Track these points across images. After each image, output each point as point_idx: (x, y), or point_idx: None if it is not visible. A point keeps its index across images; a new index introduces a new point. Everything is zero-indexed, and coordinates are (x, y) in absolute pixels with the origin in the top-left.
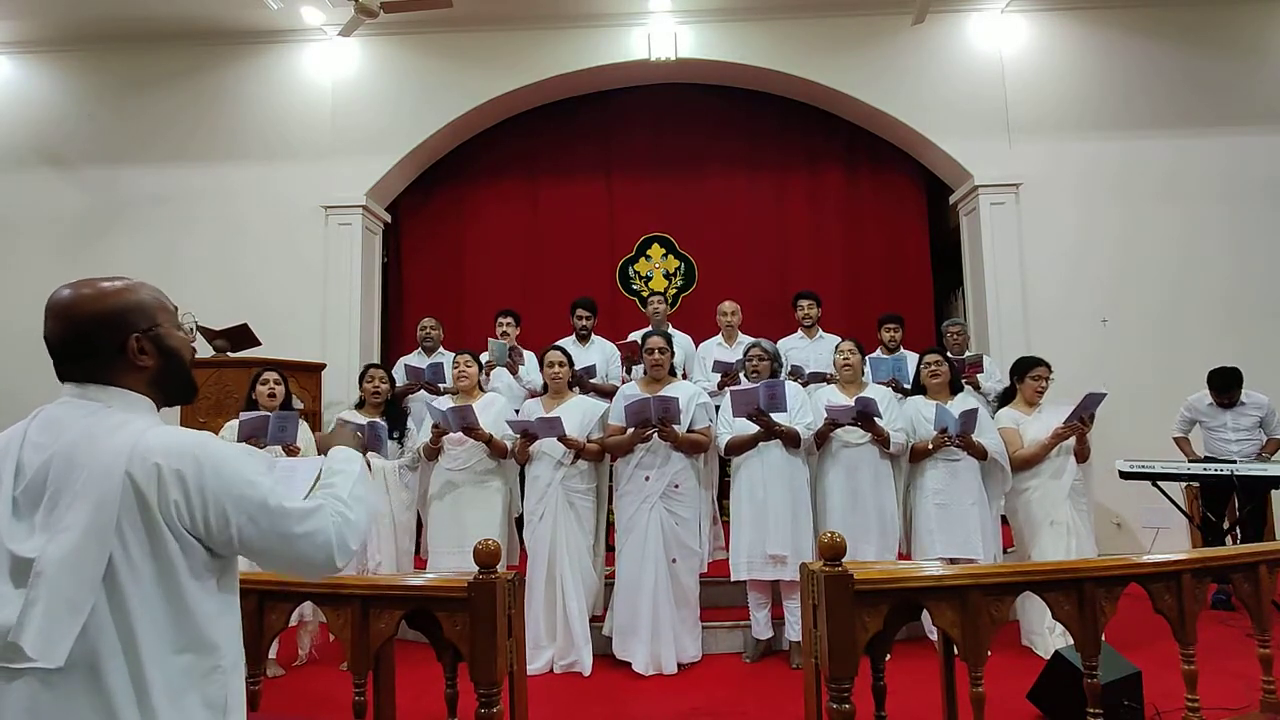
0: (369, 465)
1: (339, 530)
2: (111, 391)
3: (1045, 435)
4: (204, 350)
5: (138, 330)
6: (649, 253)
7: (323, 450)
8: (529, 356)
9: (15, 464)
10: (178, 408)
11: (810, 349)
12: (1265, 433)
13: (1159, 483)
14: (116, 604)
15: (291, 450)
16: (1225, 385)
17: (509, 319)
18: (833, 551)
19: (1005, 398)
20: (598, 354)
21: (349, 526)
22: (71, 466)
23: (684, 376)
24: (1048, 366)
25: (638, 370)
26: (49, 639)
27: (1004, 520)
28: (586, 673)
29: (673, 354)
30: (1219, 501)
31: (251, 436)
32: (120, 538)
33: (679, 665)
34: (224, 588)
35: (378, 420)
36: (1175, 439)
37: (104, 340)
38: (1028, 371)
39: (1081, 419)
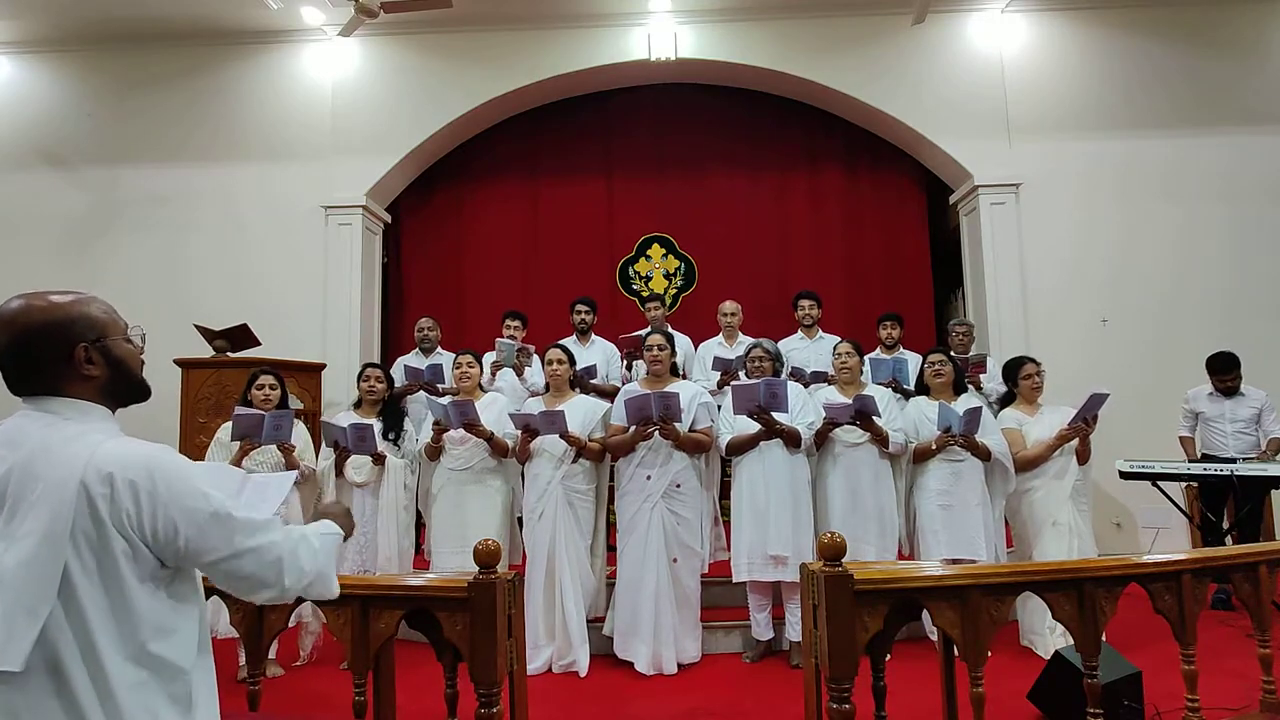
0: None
1: (293, 552)
2: (66, 402)
3: (1048, 436)
4: (204, 350)
5: (85, 341)
6: (649, 253)
7: (314, 515)
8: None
9: None
10: (176, 410)
11: (810, 349)
12: (1261, 429)
13: (1159, 483)
14: (73, 609)
15: (286, 449)
16: (1225, 367)
17: (516, 321)
18: (833, 551)
19: (1005, 401)
20: (598, 354)
21: (308, 552)
22: (30, 477)
23: (684, 377)
24: (1036, 363)
25: (639, 368)
26: (6, 643)
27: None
28: (583, 673)
29: (673, 353)
30: (1219, 501)
31: (245, 435)
32: (75, 546)
33: (679, 665)
34: (175, 595)
35: (361, 422)
36: (1181, 438)
37: (50, 350)
38: (1018, 372)
39: (1085, 420)
